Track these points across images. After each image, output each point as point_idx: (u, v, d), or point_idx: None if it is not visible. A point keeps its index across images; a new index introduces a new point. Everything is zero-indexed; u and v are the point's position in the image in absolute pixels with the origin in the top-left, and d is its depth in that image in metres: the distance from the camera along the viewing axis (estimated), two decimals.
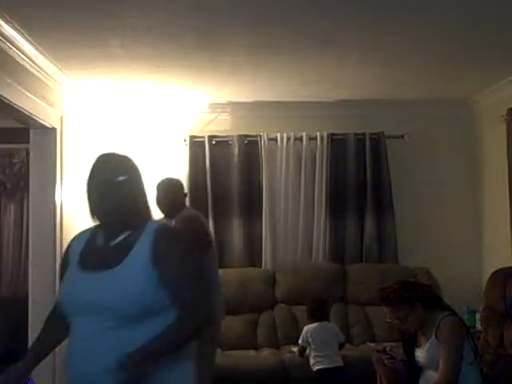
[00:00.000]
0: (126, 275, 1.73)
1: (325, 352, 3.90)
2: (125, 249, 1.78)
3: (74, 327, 1.80)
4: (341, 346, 4.03)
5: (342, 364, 3.90)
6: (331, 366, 3.86)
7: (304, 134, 5.05)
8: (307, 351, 3.99)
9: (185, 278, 1.78)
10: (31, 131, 4.09)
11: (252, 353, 4.38)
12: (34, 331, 4.01)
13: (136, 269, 1.74)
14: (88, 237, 1.91)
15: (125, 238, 1.81)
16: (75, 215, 4.57)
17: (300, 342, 4.02)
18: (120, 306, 1.70)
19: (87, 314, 1.74)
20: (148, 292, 1.72)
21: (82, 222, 4.85)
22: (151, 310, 1.72)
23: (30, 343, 4.02)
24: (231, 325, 4.31)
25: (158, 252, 1.76)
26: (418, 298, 2.83)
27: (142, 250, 1.77)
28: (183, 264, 1.80)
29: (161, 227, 1.88)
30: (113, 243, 1.81)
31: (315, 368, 3.89)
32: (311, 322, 4.02)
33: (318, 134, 5.04)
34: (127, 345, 1.65)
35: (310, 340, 3.94)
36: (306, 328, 4.01)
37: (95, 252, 1.84)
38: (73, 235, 2.03)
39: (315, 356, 3.91)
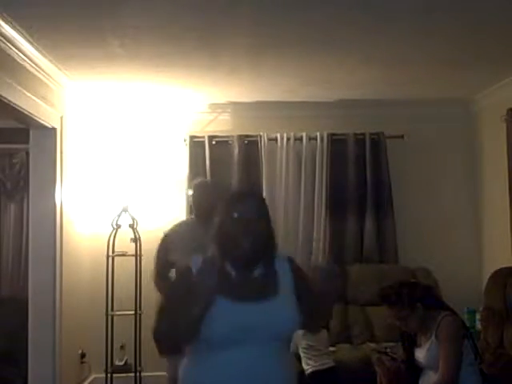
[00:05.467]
0: (284, 304, 1.89)
1: (312, 353, 3.82)
2: (270, 279, 1.92)
3: (229, 356, 1.83)
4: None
5: (333, 364, 3.82)
6: (322, 367, 3.77)
7: (304, 134, 5.05)
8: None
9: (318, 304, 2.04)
10: (31, 131, 4.09)
11: None
12: (33, 331, 4.01)
13: (289, 297, 1.91)
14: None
15: (264, 270, 1.93)
16: (75, 215, 4.57)
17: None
18: (284, 331, 1.91)
19: (248, 342, 1.82)
20: (297, 317, 1.90)
21: (82, 222, 4.87)
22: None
23: (30, 343, 4.02)
24: None
25: (299, 280, 1.97)
26: (418, 298, 2.83)
27: (285, 279, 1.94)
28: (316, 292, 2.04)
29: (289, 256, 2.08)
30: (255, 275, 1.92)
31: (307, 372, 3.78)
32: None
33: (317, 134, 5.04)
34: (287, 365, 1.94)
35: (298, 345, 3.84)
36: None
37: (235, 283, 1.90)
38: (72, 235, 2.04)
39: (304, 358, 3.84)
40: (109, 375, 4.54)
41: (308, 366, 3.81)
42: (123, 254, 4.54)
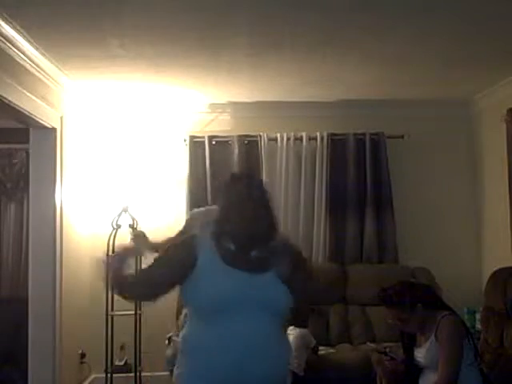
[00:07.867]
0: (276, 280, 1.98)
1: None
2: (264, 260, 2.00)
3: (227, 324, 1.91)
4: (313, 350, 4.05)
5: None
6: None
7: (304, 134, 5.05)
8: None
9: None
10: (31, 131, 4.09)
11: None
12: (34, 331, 4.01)
13: (277, 277, 1.99)
14: (212, 242, 2.03)
15: (260, 253, 2.01)
16: (75, 215, 4.57)
17: None
18: (277, 303, 1.98)
19: (244, 310, 1.90)
20: (289, 293, 2.00)
21: (82, 222, 4.86)
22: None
23: (30, 343, 4.02)
24: None
25: (294, 265, 2.01)
26: (418, 298, 2.83)
27: (278, 262, 2.01)
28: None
29: (290, 243, 2.16)
30: (251, 255, 2.00)
31: None
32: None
33: (318, 134, 5.04)
34: (285, 341, 2.08)
35: None
36: None
37: (234, 254, 1.99)
38: (72, 235, 2.06)
39: None
40: (109, 375, 4.54)
41: None
42: None
